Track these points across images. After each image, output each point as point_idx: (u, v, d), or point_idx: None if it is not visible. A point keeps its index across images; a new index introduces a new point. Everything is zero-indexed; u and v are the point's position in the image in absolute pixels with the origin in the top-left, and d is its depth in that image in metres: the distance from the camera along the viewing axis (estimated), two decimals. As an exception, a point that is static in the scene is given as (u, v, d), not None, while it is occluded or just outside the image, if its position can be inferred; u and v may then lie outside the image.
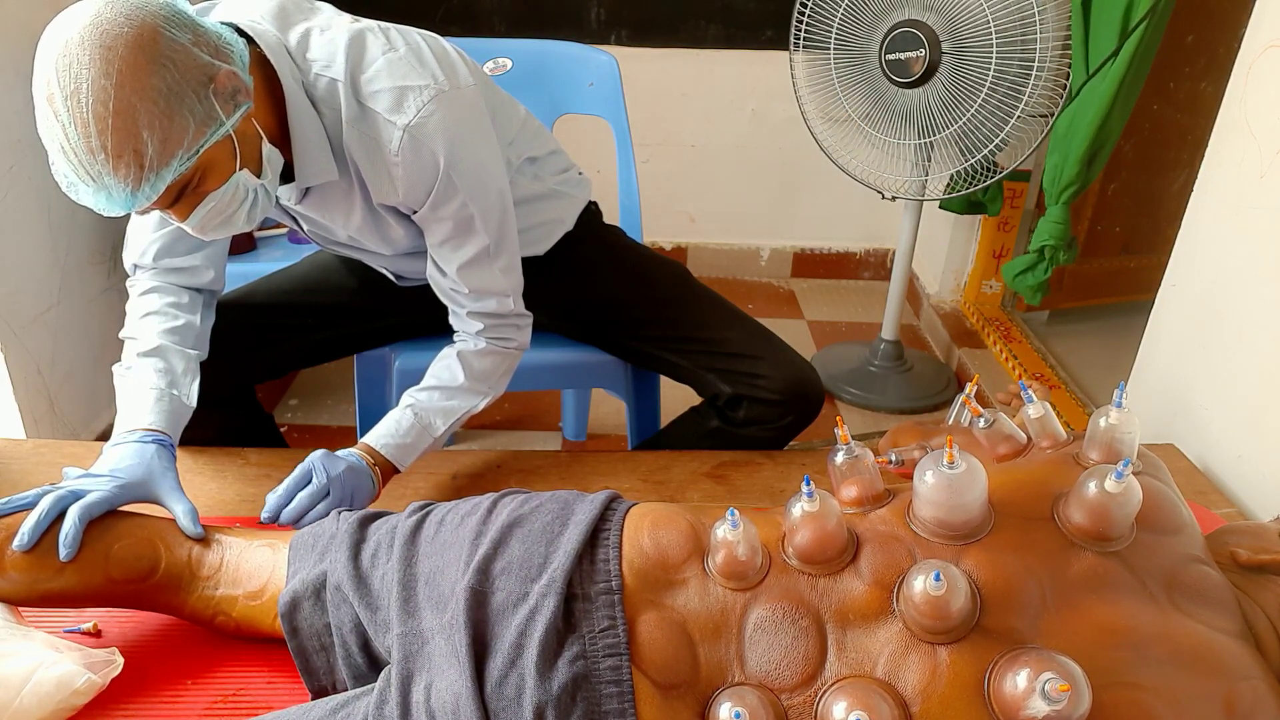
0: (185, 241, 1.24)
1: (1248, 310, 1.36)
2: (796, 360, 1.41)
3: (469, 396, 1.25)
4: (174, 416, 1.13)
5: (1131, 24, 1.76)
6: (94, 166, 0.91)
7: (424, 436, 1.22)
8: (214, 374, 1.23)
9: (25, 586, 0.93)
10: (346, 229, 1.23)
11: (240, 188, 1.02)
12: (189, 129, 0.92)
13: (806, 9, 2.09)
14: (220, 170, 0.99)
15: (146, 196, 0.94)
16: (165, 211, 1.02)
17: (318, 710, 0.83)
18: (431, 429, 1.22)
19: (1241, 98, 1.39)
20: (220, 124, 0.95)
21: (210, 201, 1.00)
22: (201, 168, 0.97)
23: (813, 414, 1.41)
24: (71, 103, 0.90)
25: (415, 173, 1.11)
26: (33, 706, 0.84)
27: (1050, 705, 0.65)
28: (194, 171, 0.97)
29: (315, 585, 0.90)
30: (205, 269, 1.26)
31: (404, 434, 1.20)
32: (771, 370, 1.38)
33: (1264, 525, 0.90)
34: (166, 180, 0.94)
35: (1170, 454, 1.43)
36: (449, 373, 1.25)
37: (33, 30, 1.73)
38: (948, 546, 0.77)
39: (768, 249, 3.18)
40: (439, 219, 1.16)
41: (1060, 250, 2.01)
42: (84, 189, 0.95)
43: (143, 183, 0.92)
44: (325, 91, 1.08)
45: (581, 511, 0.85)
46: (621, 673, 0.75)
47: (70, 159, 0.92)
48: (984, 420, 0.94)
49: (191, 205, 1.00)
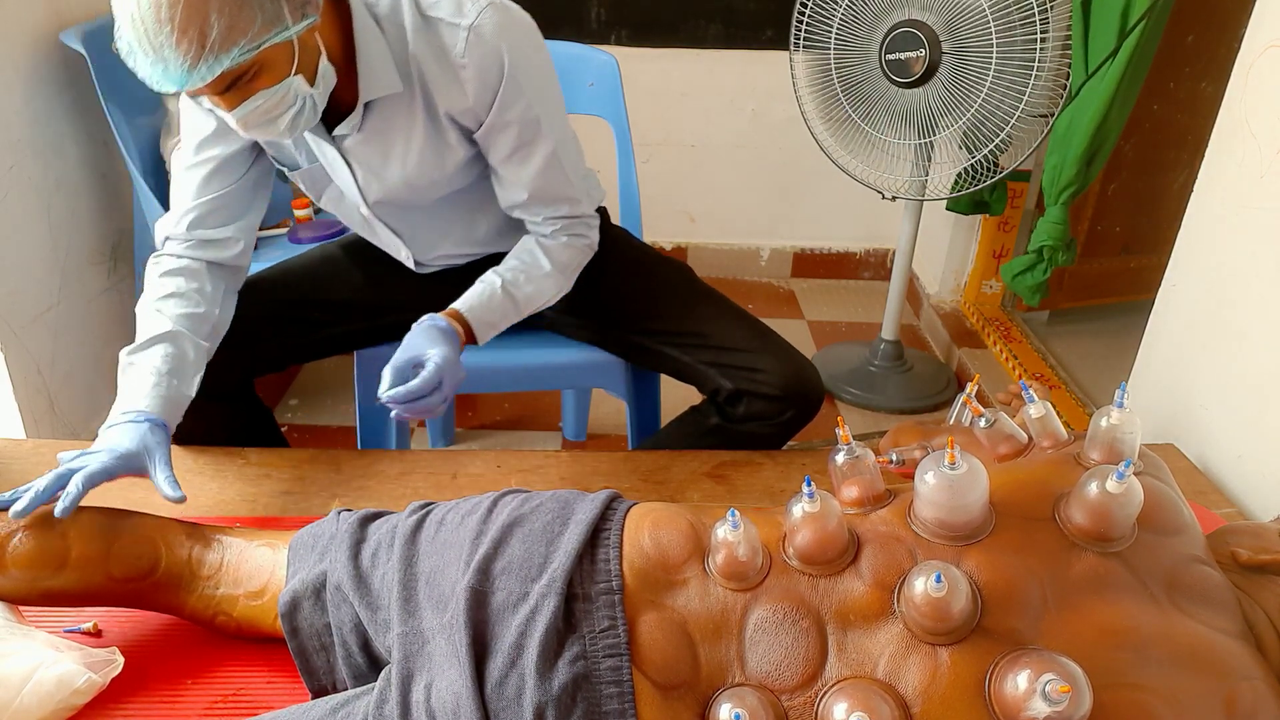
0: (220, 214, 1.26)
1: (1248, 310, 1.36)
2: (796, 356, 1.42)
3: (550, 283, 1.31)
4: (172, 404, 1.14)
5: (1130, 24, 1.76)
6: (158, 37, 0.95)
7: (507, 316, 1.27)
8: (215, 366, 1.23)
9: (26, 584, 0.93)
10: (406, 156, 1.25)
11: (291, 92, 1.07)
12: (255, 23, 0.97)
13: (806, 9, 2.09)
14: (276, 70, 1.04)
15: (201, 77, 0.98)
16: (214, 100, 1.06)
17: (318, 710, 0.83)
18: (516, 309, 1.28)
19: (1241, 98, 1.39)
20: (285, 28, 1.00)
21: (259, 99, 1.05)
22: (258, 64, 1.02)
23: (812, 410, 1.41)
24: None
25: (482, 73, 1.17)
26: (33, 705, 0.84)
27: (1051, 706, 0.65)
28: (250, 65, 1.01)
29: (315, 585, 0.90)
30: (235, 241, 1.28)
31: (493, 309, 1.26)
32: (771, 365, 1.38)
33: (1264, 525, 0.90)
34: (223, 65, 0.98)
35: (1170, 454, 1.43)
36: (532, 257, 1.31)
37: (33, 30, 1.73)
38: (949, 547, 0.77)
39: (768, 249, 3.18)
40: (506, 124, 1.22)
41: (1059, 251, 2.01)
42: (143, 58, 0.98)
43: (200, 62, 0.97)
44: (389, 9, 1.16)
45: (582, 511, 0.85)
46: (622, 673, 0.75)
47: (137, 26, 0.95)
48: (985, 420, 0.94)
49: (241, 98, 1.05)
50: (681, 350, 1.43)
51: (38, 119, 1.75)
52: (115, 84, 1.79)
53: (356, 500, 1.27)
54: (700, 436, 1.46)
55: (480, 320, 1.26)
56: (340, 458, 1.36)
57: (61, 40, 1.76)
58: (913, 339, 2.83)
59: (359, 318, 1.47)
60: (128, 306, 2.05)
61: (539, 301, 1.31)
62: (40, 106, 1.75)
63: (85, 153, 1.89)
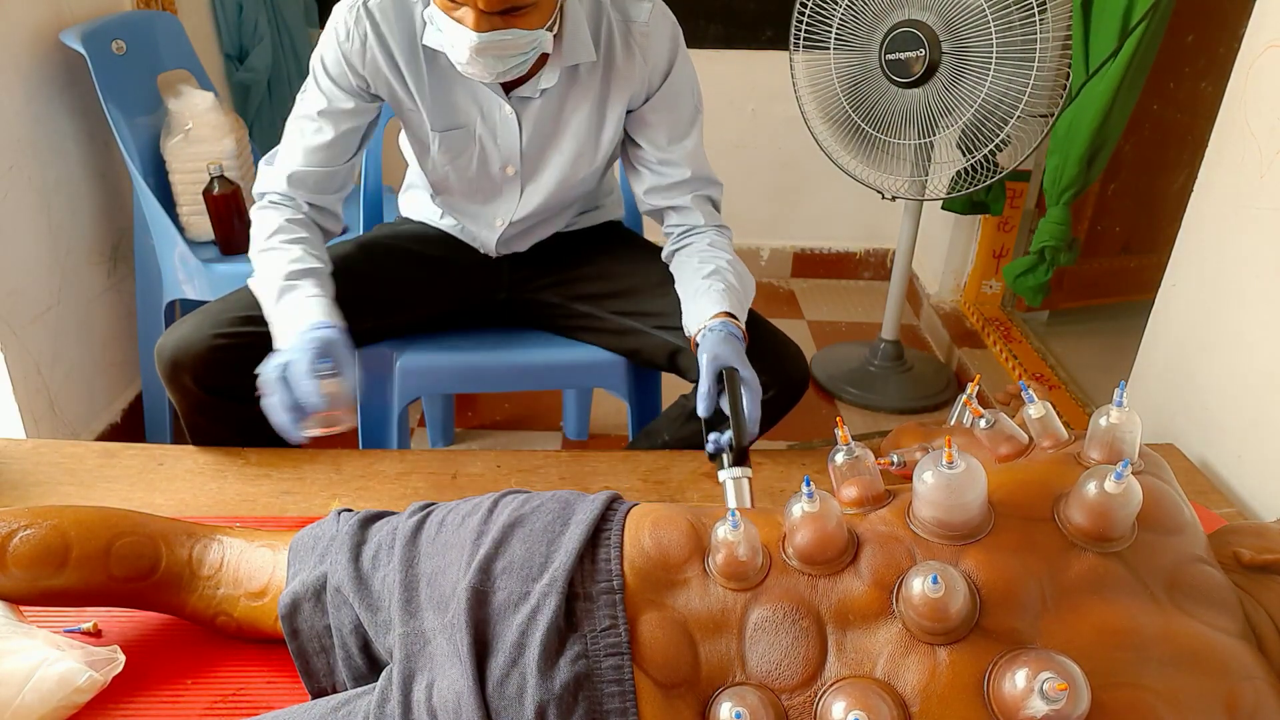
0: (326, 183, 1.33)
1: (1248, 310, 1.36)
2: (779, 337, 1.43)
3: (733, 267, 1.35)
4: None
5: (1131, 24, 1.76)
6: None
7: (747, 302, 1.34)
8: (230, 367, 1.24)
9: (26, 584, 0.93)
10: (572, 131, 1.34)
11: (535, 44, 1.15)
12: None
13: (806, 9, 2.10)
14: (541, 16, 1.13)
15: None
16: (474, 16, 1.10)
17: (318, 709, 0.83)
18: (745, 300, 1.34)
19: (1241, 98, 1.39)
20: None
21: (509, 35, 1.12)
22: (538, 1, 1.11)
23: (796, 391, 1.41)
24: None
25: (660, 41, 1.29)
26: (34, 704, 0.84)
27: (1049, 705, 0.65)
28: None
29: (315, 587, 0.90)
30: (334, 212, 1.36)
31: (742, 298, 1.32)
32: (752, 345, 1.38)
33: (1267, 525, 0.90)
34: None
35: (1170, 454, 1.43)
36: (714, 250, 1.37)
37: (33, 30, 1.73)
38: (948, 547, 0.77)
39: (768, 249, 3.18)
40: (677, 94, 1.34)
41: (1061, 251, 2.01)
42: None
43: None
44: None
45: (583, 511, 0.85)
46: (623, 672, 0.75)
47: None
48: (985, 421, 0.94)
49: (498, 25, 1.11)
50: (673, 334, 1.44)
51: (38, 119, 1.75)
52: (115, 84, 1.79)
53: (356, 500, 1.27)
54: (686, 420, 1.46)
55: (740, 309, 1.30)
56: (340, 458, 1.36)
57: (61, 40, 1.76)
58: (913, 339, 2.83)
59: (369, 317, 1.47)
60: (128, 306, 2.05)
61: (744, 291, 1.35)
62: (40, 106, 1.75)
63: (85, 153, 1.89)
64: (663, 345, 1.46)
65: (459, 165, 1.39)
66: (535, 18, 1.12)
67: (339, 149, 1.32)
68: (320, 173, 1.31)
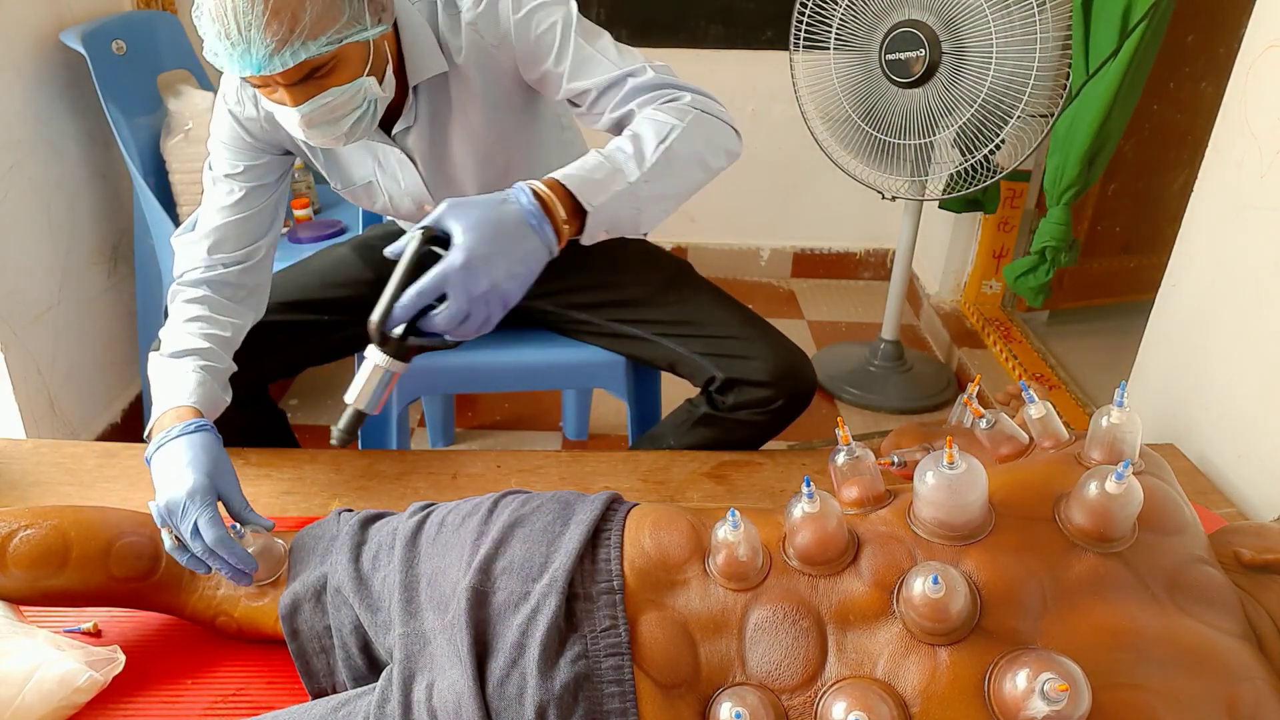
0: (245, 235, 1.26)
1: (1248, 310, 1.36)
2: (787, 344, 1.41)
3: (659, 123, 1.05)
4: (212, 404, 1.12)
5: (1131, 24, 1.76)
6: (247, 16, 0.96)
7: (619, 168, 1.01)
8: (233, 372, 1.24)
9: (27, 584, 0.93)
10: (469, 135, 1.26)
11: (361, 93, 1.09)
12: (342, 16, 1.00)
13: (806, 9, 2.09)
14: (350, 69, 1.06)
15: (283, 62, 0.99)
16: (280, 90, 1.05)
17: (318, 709, 0.83)
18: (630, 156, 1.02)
19: (1241, 98, 1.39)
20: (365, 28, 1.03)
21: (329, 96, 1.06)
22: (337, 58, 1.04)
23: (803, 399, 1.40)
24: None
25: (489, 20, 1.17)
26: (35, 703, 0.84)
27: (1049, 705, 0.65)
28: (329, 59, 1.03)
29: (316, 587, 0.91)
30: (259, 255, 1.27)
31: (593, 166, 1.00)
32: (762, 353, 1.38)
33: (1267, 525, 0.90)
34: (308, 53, 0.99)
35: (1170, 454, 1.43)
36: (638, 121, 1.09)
37: (33, 30, 1.73)
38: (948, 547, 0.77)
39: (768, 249, 3.18)
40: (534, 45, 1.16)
41: (1061, 251, 2.01)
42: (223, 39, 0.99)
43: (285, 47, 0.98)
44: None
45: (583, 512, 0.85)
46: (623, 672, 0.75)
47: (225, 4, 0.96)
48: (986, 421, 0.94)
49: (311, 93, 1.06)
50: (674, 340, 1.44)
51: (38, 119, 1.75)
52: (115, 84, 1.79)
53: (356, 500, 1.27)
54: (691, 426, 1.46)
55: (583, 180, 0.98)
56: (340, 458, 1.36)
57: (61, 40, 1.76)
58: (913, 339, 2.83)
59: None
60: (128, 306, 2.05)
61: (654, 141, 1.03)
62: (40, 106, 1.75)
63: (85, 153, 1.89)
64: (664, 353, 1.46)
65: (379, 210, 1.37)
66: (346, 72, 1.05)
67: (252, 199, 1.27)
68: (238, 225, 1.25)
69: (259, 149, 1.25)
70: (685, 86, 1.15)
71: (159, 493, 0.97)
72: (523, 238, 0.94)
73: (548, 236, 0.95)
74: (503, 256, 0.92)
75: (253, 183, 1.26)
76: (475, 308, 0.91)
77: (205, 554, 0.92)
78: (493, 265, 0.91)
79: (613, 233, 1.02)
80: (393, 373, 0.94)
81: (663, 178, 1.03)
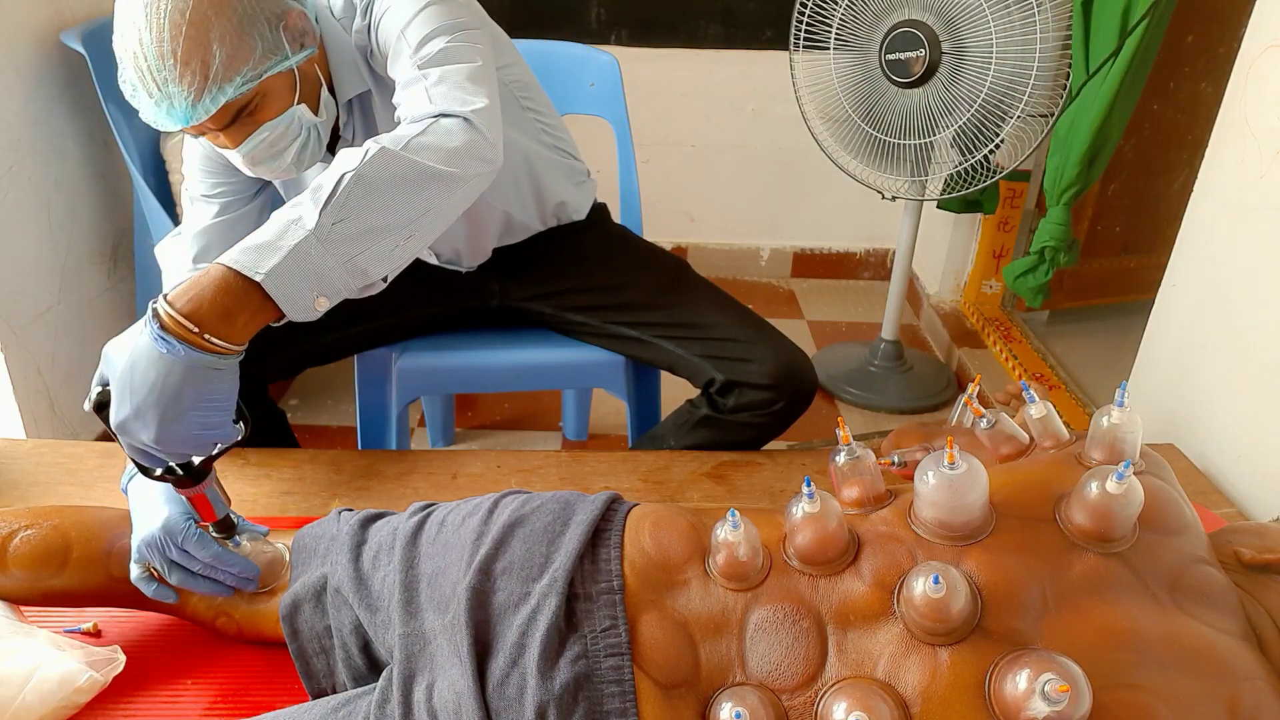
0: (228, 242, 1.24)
1: (1248, 310, 1.36)
2: (787, 345, 1.41)
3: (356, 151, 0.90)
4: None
5: (1131, 24, 1.76)
6: (161, 72, 0.95)
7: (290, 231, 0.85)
8: None
9: (27, 584, 0.93)
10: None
11: (296, 122, 1.07)
12: (255, 51, 0.98)
13: (806, 9, 2.10)
14: (278, 101, 1.04)
15: (205, 110, 0.98)
16: (219, 135, 1.05)
17: (318, 709, 0.83)
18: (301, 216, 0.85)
19: (1241, 98, 1.39)
20: (285, 57, 1.01)
21: (265, 131, 1.05)
22: (261, 93, 1.02)
23: (804, 401, 1.40)
24: (151, 9, 0.94)
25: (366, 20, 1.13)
26: (35, 704, 0.84)
27: (1050, 706, 0.65)
28: (253, 95, 1.01)
29: (316, 588, 0.90)
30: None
31: (260, 232, 0.87)
32: (762, 355, 1.37)
33: (1268, 525, 0.90)
34: (227, 95, 0.98)
35: (1170, 454, 1.43)
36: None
37: (33, 30, 1.73)
38: (949, 547, 0.77)
39: (768, 249, 3.18)
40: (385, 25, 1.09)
41: (1061, 252, 2.01)
42: (146, 98, 0.98)
43: (204, 94, 0.97)
44: (342, 11, 1.16)
45: (583, 512, 0.85)
46: (623, 672, 0.75)
47: (139, 64, 0.96)
48: (986, 421, 0.94)
49: (246, 132, 1.04)
50: (675, 342, 1.44)
51: (38, 119, 1.75)
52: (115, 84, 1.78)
53: (356, 500, 1.27)
54: (692, 428, 1.46)
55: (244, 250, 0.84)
56: (340, 458, 1.36)
57: (61, 40, 1.75)
58: (913, 339, 2.83)
59: (366, 320, 1.47)
60: (128, 307, 2.05)
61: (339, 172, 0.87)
62: (40, 106, 1.75)
63: (85, 153, 1.89)
64: (664, 354, 1.46)
65: None
66: (274, 104, 1.04)
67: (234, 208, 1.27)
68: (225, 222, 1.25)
69: (231, 167, 1.24)
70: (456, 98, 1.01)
71: (135, 533, 0.93)
72: (165, 372, 0.80)
73: (195, 355, 0.81)
74: (151, 408, 0.81)
75: (230, 197, 1.26)
76: (171, 447, 0.84)
77: (206, 570, 0.92)
78: (145, 422, 0.81)
79: (332, 293, 0.88)
80: (200, 491, 0.90)
81: (363, 210, 0.87)
